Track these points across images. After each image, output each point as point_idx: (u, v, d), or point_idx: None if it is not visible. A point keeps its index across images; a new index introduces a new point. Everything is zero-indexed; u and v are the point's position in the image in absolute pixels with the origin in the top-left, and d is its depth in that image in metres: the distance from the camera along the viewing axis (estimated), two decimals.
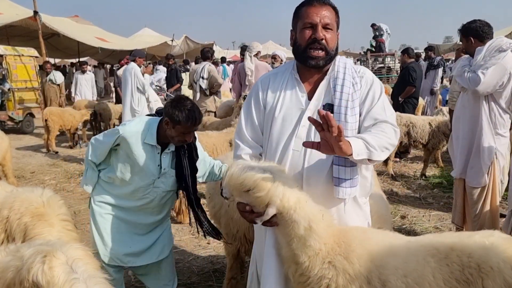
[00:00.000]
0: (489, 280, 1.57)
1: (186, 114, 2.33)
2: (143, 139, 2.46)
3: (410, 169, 6.94)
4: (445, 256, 1.65)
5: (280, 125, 1.90)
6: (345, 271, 1.67)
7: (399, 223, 4.66)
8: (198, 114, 2.40)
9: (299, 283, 1.75)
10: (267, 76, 2.04)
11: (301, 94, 1.90)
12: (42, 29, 10.86)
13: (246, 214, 1.72)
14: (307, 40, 1.83)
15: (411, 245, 1.74)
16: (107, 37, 16.48)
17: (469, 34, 3.46)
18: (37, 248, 1.67)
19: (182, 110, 2.34)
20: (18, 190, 2.81)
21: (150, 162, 2.50)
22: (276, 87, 1.95)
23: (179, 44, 18.88)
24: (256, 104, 1.99)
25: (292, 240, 1.69)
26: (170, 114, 2.35)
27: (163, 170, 2.54)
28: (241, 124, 2.02)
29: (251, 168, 1.65)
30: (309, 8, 1.83)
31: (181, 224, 4.70)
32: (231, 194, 1.74)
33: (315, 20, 1.80)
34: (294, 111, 1.89)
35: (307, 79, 1.92)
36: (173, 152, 2.56)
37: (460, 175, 3.58)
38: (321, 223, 1.68)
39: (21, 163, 7.69)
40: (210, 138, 5.14)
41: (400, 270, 1.64)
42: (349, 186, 1.80)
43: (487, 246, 1.64)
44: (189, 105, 2.38)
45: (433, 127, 6.27)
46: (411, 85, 7.19)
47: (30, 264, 1.59)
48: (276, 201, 1.62)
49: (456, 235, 1.81)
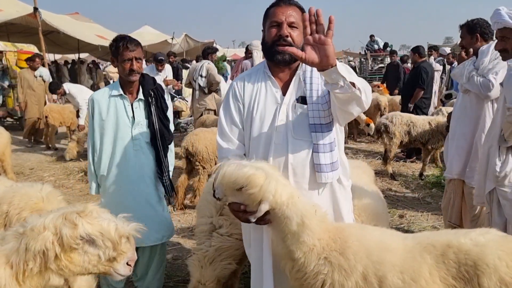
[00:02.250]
0: (484, 278, 1.58)
1: (118, 40, 2.64)
2: (109, 94, 2.76)
3: (409, 169, 6.95)
4: (442, 253, 1.66)
5: (259, 121, 1.99)
6: (341, 267, 1.69)
7: (397, 222, 4.68)
8: (130, 38, 2.68)
9: (296, 279, 1.77)
10: (241, 77, 2.13)
11: (275, 90, 2.00)
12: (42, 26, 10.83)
13: (239, 214, 1.75)
14: (273, 38, 1.94)
15: (408, 242, 1.75)
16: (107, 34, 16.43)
17: (475, 31, 3.37)
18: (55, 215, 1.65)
19: (114, 40, 2.67)
20: (17, 185, 2.82)
21: (123, 113, 2.75)
22: (251, 86, 2.04)
23: (179, 42, 18.83)
24: (235, 104, 2.07)
25: (286, 237, 1.70)
26: (110, 51, 2.68)
27: (137, 119, 2.76)
28: (222, 126, 2.08)
29: (243, 166, 1.67)
30: (276, 8, 1.96)
31: (179, 222, 4.71)
32: (223, 194, 1.75)
33: (280, 18, 1.92)
34: (271, 106, 1.99)
35: (278, 76, 2.03)
36: (144, 101, 2.81)
37: (459, 176, 3.55)
38: (314, 219, 1.70)
39: (20, 159, 7.69)
40: (215, 135, 5.12)
41: (396, 266, 1.65)
42: (330, 170, 1.92)
43: (483, 243, 1.65)
44: (120, 35, 2.71)
45: (432, 127, 6.29)
46: (420, 88, 7.09)
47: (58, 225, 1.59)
48: (269, 197, 1.63)
49: (453, 232, 1.81)
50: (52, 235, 1.56)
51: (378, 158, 7.24)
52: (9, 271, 1.55)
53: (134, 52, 2.65)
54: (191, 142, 5.06)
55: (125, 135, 2.75)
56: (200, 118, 6.98)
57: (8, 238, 1.61)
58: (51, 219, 1.59)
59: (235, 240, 2.61)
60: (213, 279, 2.50)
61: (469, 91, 3.41)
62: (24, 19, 11.64)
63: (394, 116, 6.46)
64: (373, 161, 7.22)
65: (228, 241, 2.60)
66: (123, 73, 2.69)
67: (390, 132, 6.34)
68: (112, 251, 1.61)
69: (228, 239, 2.60)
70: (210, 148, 5.02)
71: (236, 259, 2.63)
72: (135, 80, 2.73)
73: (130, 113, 2.76)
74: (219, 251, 2.56)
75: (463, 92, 3.59)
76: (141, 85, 2.80)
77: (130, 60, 2.64)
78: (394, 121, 6.37)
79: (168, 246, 4.07)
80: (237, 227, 2.64)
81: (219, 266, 2.53)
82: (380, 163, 6.79)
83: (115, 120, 2.74)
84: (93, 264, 1.63)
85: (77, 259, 1.61)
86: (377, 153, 7.64)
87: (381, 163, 6.72)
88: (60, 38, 13.87)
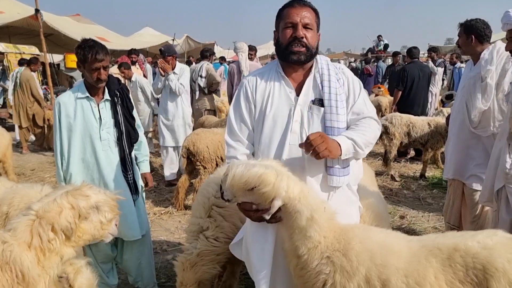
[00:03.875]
0: (493, 281, 1.56)
1: (86, 49, 2.62)
2: (75, 96, 2.77)
3: (410, 170, 6.94)
4: (448, 257, 1.64)
5: (272, 121, 1.98)
6: (343, 268, 1.68)
7: (398, 223, 4.67)
8: (99, 48, 2.65)
9: (299, 277, 1.77)
10: (253, 75, 2.10)
11: (289, 90, 2.00)
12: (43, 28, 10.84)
13: (251, 213, 1.74)
14: (288, 39, 1.94)
15: (413, 244, 1.73)
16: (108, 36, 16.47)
17: (471, 32, 3.35)
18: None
19: (83, 47, 2.64)
20: (17, 186, 2.82)
21: (90, 115, 2.78)
22: (264, 86, 2.03)
23: (181, 44, 18.86)
24: (246, 103, 2.05)
25: (294, 232, 1.71)
26: (77, 55, 2.66)
27: (104, 120, 2.79)
28: (232, 125, 2.07)
29: (252, 166, 1.66)
30: (290, 9, 1.95)
31: (180, 222, 4.72)
32: (233, 196, 1.74)
33: (295, 19, 1.92)
34: (285, 107, 1.98)
35: (291, 76, 2.02)
36: (110, 102, 2.84)
37: (460, 177, 3.52)
38: (323, 214, 1.70)
39: (21, 161, 7.70)
40: (216, 135, 5.14)
41: (401, 270, 1.64)
42: (342, 175, 1.94)
43: (491, 246, 1.62)
44: (90, 42, 2.68)
45: (432, 128, 6.29)
46: (397, 89, 7.10)
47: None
48: (282, 193, 1.63)
49: (459, 235, 1.77)
50: (70, 211, 1.80)
51: (379, 159, 7.23)
52: (31, 256, 1.73)
53: (103, 62, 2.67)
54: (193, 142, 5.05)
55: (94, 136, 2.78)
56: (199, 119, 6.98)
57: (20, 226, 1.76)
58: (61, 199, 1.82)
59: (220, 244, 2.64)
60: (193, 282, 2.54)
61: None
62: (25, 21, 11.68)
63: (394, 117, 6.45)
64: (374, 162, 7.21)
65: (212, 245, 2.62)
66: (90, 80, 2.72)
67: (389, 133, 6.34)
68: (109, 214, 1.93)
69: (213, 243, 2.63)
70: (211, 148, 5.01)
71: (220, 263, 2.66)
72: (101, 86, 2.79)
73: (97, 114, 2.79)
74: (201, 256, 2.58)
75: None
76: (106, 86, 2.84)
77: (98, 69, 2.67)
78: (393, 122, 6.36)
79: (168, 247, 4.07)
80: (222, 230, 2.67)
81: (200, 270, 2.56)
82: (380, 164, 6.78)
83: (83, 122, 2.76)
84: (97, 230, 1.92)
85: (87, 227, 1.88)
86: (378, 154, 7.63)
87: (381, 164, 6.72)
88: (62, 39, 13.90)
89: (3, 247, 1.70)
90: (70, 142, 2.77)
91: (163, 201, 5.50)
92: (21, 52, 11.47)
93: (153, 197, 5.59)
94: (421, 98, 7.23)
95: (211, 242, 2.62)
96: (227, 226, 2.68)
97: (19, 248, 1.71)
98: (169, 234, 4.44)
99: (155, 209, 5.11)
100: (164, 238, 4.32)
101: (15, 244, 1.71)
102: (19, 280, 1.69)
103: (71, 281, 1.90)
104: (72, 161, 2.79)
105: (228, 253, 2.62)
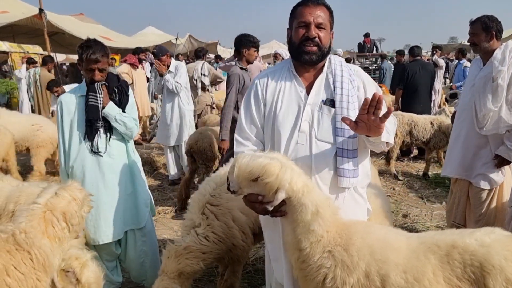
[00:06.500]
0: (490, 279, 1.58)
1: (84, 49, 2.68)
2: (77, 95, 2.85)
3: (413, 168, 6.94)
4: (446, 254, 1.66)
5: (281, 120, 1.97)
6: (344, 262, 1.70)
7: (401, 221, 4.68)
8: (97, 49, 2.68)
9: (301, 270, 1.79)
10: (265, 74, 2.11)
11: (300, 89, 1.99)
12: (47, 27, 10.89)
13: (256, 204, 1.75)
14: (301, 38, 1.93)
15: (412, 241, 1.75)
16: (111, 36, 16.50)
17: (492, 28, 3.21)
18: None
19: (81, 47, 2.71)
20: (24, 184, 2.85)
21: None
22: (275, 84, 2.03)
23: (183, 43, 18.87)
24: (256, 101, 2.06)
25: (297, 226, 1.72)
26: (77, 54, 2.74)
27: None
28: (241, 122, 2.08)
29: (257, 157, 1.68)
30: (304, 8, 1.93)
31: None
32: (239, 187, 1.75)
33: (308, 19, 1.91)
34: (294, 106, 1.97)
35: (303, 76, 2.01)
36: None
37: (466, 177, 3.49)
38: (327, 209, 1.72)
39: (26, 160, 7.73)
40: (218, 134, 5.15)
41: (400, 266, 1.66)
42: (352, 176, 1.92)
43: (488, 243, 1.64)
44: (89, 43, 2.73)
45: (434, 126, 6.27)
46: (398, 88, 7.09)
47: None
48: (285, 185, 1.65)
49: (458, 232, 1.80)
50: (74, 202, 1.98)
51: (382, 158, 7.24)
52: (49, 243, 1.87)
53: (98, 63, 2.71)
54: (195, 140, 5.07)
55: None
56: (202, 118, 7.02)
57: (34, 218, 1.86)
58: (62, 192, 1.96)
59: (208, 243, 2.68)
60: (175, 271, 2.57)
61: None
62: (29, 20, 11.72)
63: (395, 116, 6.41)
64: (377, 160, 7.21)
65: (200, 243, 2.67)
66: (89, 78, 2.79)
67: None
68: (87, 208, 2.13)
69: (201, 241, 2.67)
70: (214, 146, 5.03)
71: (205, 262, 2.69)
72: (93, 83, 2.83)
73: None
74: (187, 250, 2.63)
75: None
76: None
77: (93, 70, 2.72)
78: None
79: None
80: (213, 230, 2.71)
81: (183, 262, 2.60)
82: (383, 163, 6.78)
83: (83, 118, 2.81)
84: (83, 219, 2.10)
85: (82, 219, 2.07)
86: (381, 153, 7.63)
87: (384, 162, 6.72)
88: (65, 39, 13.94)
89: (25, 235, 1.79)
90: (71, 139, 2.82)
91: (166, 200, 5.53)
92: (25, 51, 11.50)
93: (157, 196, 5.62)
94: (423, 97, 7.18)
95: (200, 239, 2.67)
96: (217, 225, 2.73)
97: (39, 236, 1.81)
98: (173, 233, 4.47)
99: (159, 208, 5.14)
100: (167, 237, 4.34)
101: (36, 232, 1.81)
102: (37, 266, 1.78)
103: (78, 275, 1.93)
104: (72, 157, 2.83)
105: (215, 253, 2.71)
